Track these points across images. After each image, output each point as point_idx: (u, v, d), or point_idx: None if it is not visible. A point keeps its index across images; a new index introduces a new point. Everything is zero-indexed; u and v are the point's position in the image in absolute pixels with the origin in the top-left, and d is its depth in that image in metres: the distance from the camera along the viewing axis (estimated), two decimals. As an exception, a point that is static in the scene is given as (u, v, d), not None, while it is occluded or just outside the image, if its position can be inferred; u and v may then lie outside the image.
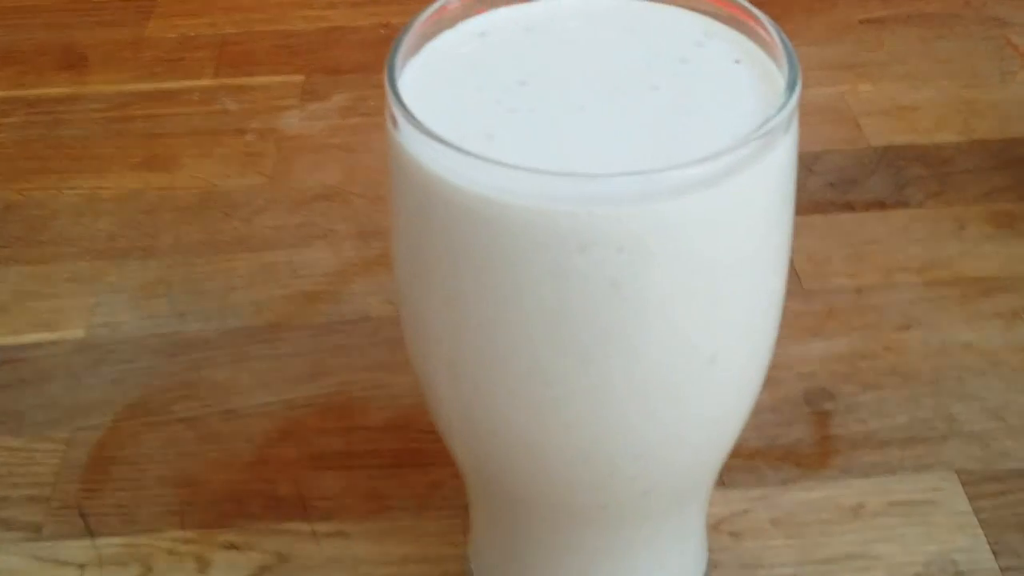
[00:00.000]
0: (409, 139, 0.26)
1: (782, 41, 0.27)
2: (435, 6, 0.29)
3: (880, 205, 0.56)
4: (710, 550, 0.40)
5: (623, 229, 0.24)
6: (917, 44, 0.70)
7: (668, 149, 0.26)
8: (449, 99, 0.28)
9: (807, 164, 0.59)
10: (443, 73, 0.28)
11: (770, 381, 0.47)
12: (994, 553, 0.40)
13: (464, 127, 0.26)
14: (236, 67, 0.69)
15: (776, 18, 0.65)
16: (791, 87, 0.26)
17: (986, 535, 0.41)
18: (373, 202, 0.57)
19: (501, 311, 0.26)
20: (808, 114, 0.66)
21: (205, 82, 0.67)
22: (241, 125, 0.63)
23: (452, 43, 0.30)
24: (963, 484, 0.43)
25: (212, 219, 0.57)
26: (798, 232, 0.54)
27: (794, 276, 0.52)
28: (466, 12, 0.30)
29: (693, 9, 0.30)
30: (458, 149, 0.24)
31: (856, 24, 0.72)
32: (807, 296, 0.51)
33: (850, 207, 0.56)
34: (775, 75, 0.28)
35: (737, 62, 0.28)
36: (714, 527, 0.41)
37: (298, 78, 0.67)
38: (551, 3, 0.31)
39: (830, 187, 0.58)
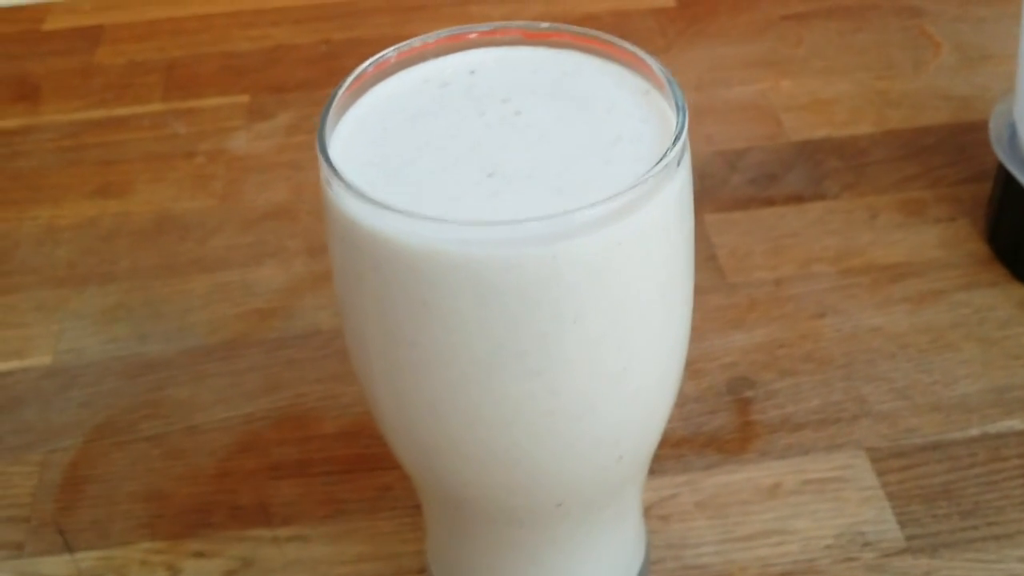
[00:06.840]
0: (340, 196, 0.29)
1: (672, 88, 0.30)
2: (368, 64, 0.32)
3: (798, 199, 0.60)
4: (641, 534, 0.44)
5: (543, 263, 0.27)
6: (836, 37, 0.73)
7: (580, 189, 0.29)
8: (379, 156, 0.31)
9: (731, 161, 0.63)
10: (371, 132, 0.31)
11: (695, 372, 0.51)
12: (900, 524, 0.43)
13: (395, 183, 0.30)
14: (184, 90, 0.71)
15: (702, 17, 0.70)
16: (678, 135, 0.29)
17: (892, 507, 0.44)
18: (320, 218, 0.60)
19: (426, 337, 0.29)
20: (732, 111, 0.70)
21: (155, 107, 0.69)
22: (191, 148, 0.65)
23: (381, 102, 0.32)
24: (871, 461, 0.46)
25: (167, 242, 0.59)
26: (722, 229, 0.58)
27: (718, 271, 0.55)
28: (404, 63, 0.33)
29: (599, 56, 0.33)
30: (396, 210, 0.27)
31: (778, 20, 0.74)
32: (730, 290, 0.54)
33: (770, 202, 0.59)
34: (669, 117, 0.31)
35: (639, 107, 0.31)
36: (644, 512, 0.45)
37: (244, 98, 0.70)
38: (481, 53, 0.34)
39: (751, 183, 0.61)
